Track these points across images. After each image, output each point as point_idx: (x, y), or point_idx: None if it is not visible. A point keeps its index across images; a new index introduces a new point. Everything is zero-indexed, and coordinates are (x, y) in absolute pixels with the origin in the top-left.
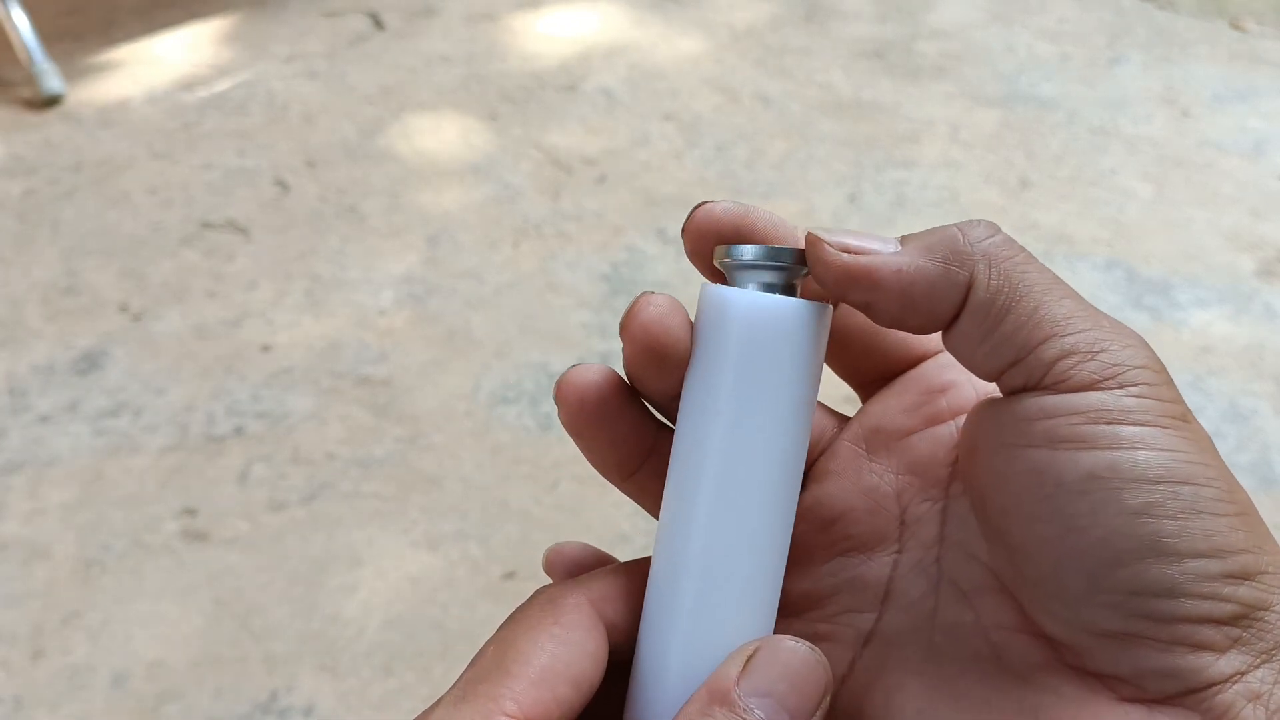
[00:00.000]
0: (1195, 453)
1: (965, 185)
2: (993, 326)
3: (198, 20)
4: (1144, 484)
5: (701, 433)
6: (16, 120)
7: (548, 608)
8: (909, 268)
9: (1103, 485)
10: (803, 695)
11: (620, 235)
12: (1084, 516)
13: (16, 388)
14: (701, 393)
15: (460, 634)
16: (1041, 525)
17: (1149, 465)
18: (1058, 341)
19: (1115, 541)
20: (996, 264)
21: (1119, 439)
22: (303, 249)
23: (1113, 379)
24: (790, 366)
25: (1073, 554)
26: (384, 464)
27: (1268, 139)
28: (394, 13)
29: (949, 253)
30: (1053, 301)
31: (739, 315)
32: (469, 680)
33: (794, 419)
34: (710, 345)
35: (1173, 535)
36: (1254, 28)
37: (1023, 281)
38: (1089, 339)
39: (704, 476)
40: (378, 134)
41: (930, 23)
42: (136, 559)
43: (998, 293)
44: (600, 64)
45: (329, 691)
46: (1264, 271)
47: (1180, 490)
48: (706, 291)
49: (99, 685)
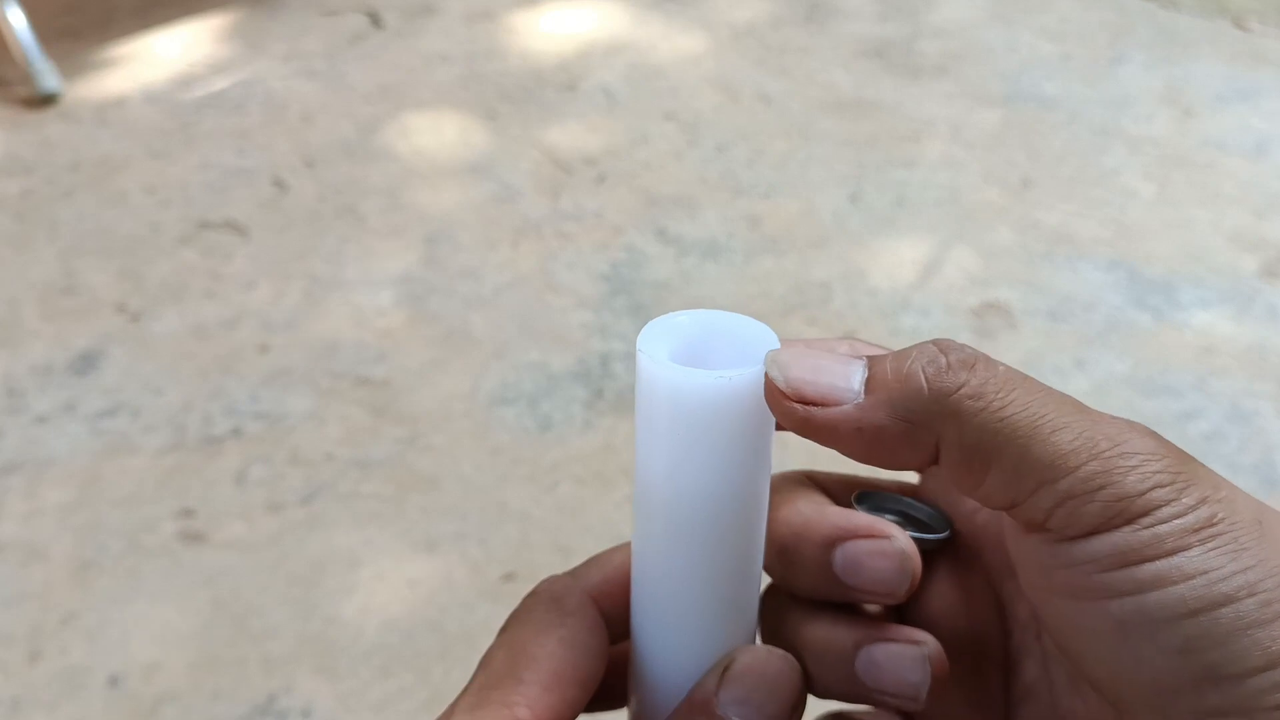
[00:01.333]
0: (1228, 559)
1: (966, 185)
2: (975, 483)
3: (195, 19)
4: (1178, 621)
5: (648, 475)
6: (14, 120)
7: (553, 608)
8: (868, 427)
9: (1137, 632)
10: (779, 701)
11: (620, 235)
12: (1128, 661)
13: (14, 388)
14: (645, 446)
15: (459, 635)
16: (1091, 666)
17: (1178, 602)
18: (1050, 489)
19: (1168, 680)
20: (968, 419)
21: (1140, 583)
22: (301, 249)
23: (1119, 516)
24: (725, 430)
25: (1132, 690)
26: (382, 465)
27: (1270, 139)
28: (393, 11)
29: (910, 410)
30: (1039, 443)
31: (666, 394)
32: (482, 686)
33: (738, 469)
34: (646, 407)
35: (1224, 663)
36: (1256, 27)
37: (1000, 431)
38: (1084, 476)
39: (654, 515)
40: (376, 133)
41: (931, 22)
42: (134, 560)
43: (974, 452)
44: (600, 63)
45: (327, 693)
46: (1266, 272)
47: (1220, 615)
48: (639, 359)
49: (96, 687)
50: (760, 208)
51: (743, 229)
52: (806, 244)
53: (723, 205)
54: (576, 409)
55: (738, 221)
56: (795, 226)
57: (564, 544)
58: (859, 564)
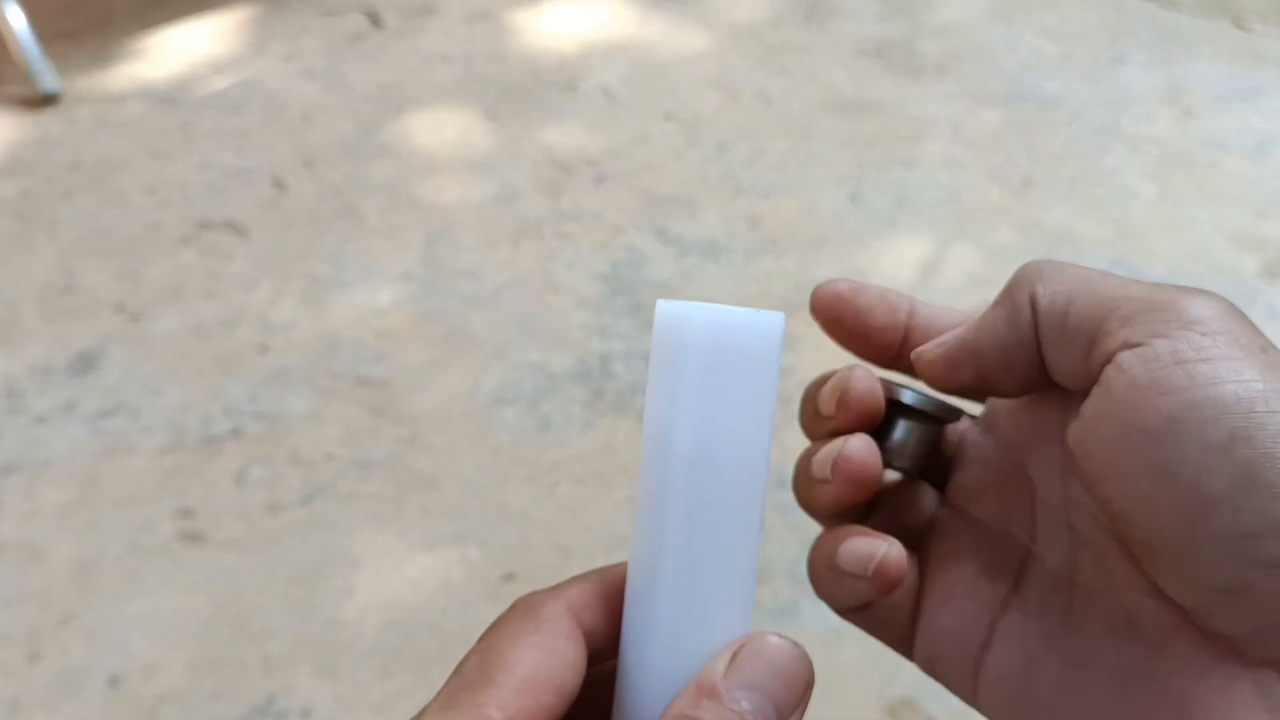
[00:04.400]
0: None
1: (967, 185)
2: (1063, 323)
3: (195, 19)
4: (1226, 416)
5: (669, 440)
6: (13, 119)
7: (529, 617)
8: (987, 318)
9: (1185, 426)
10: (788, 688)
11: (620, 235)
12: (1172, 461)
13: (13, 388)
14: (666, 403)
15: (458, 636)
16: (1135, 481)
17: (1229, 397)
18: (1120, 311)
19: (1207, 482)
20: (1047, 277)
21: (1195, 377)
22: (301, 249)
23: (1179, 323)
24: (747, 377)
25: (1170, 505)
26: (382, 465)
27: (1271, 139)
28: (392, 11)
29: (1007, 293)
30: (1109, 285)
31: (697, 332)
32: (454, 689)
33: (757, 423)
34: (668, 358)
35: (1264, 465)
36: (1257, 27)
37: (1075, 278)
38: (1146, 299)
39: (671, 485)
40: (376, 133)
41: (932, 21)
42: (133, 560)
43: (1055, 296)
44: (600, 62)
45: (326, 694)
46: (1267, 272)
47: (1268, 419)
48: (661, 307)
49: (96, 687)
50: (760, 208)
51: (743, 229)
52: (807, 244)
53: (723, 205)
54: (576, 409)
55: (738, 221)
56: (795, 226)
57: (564, 544)
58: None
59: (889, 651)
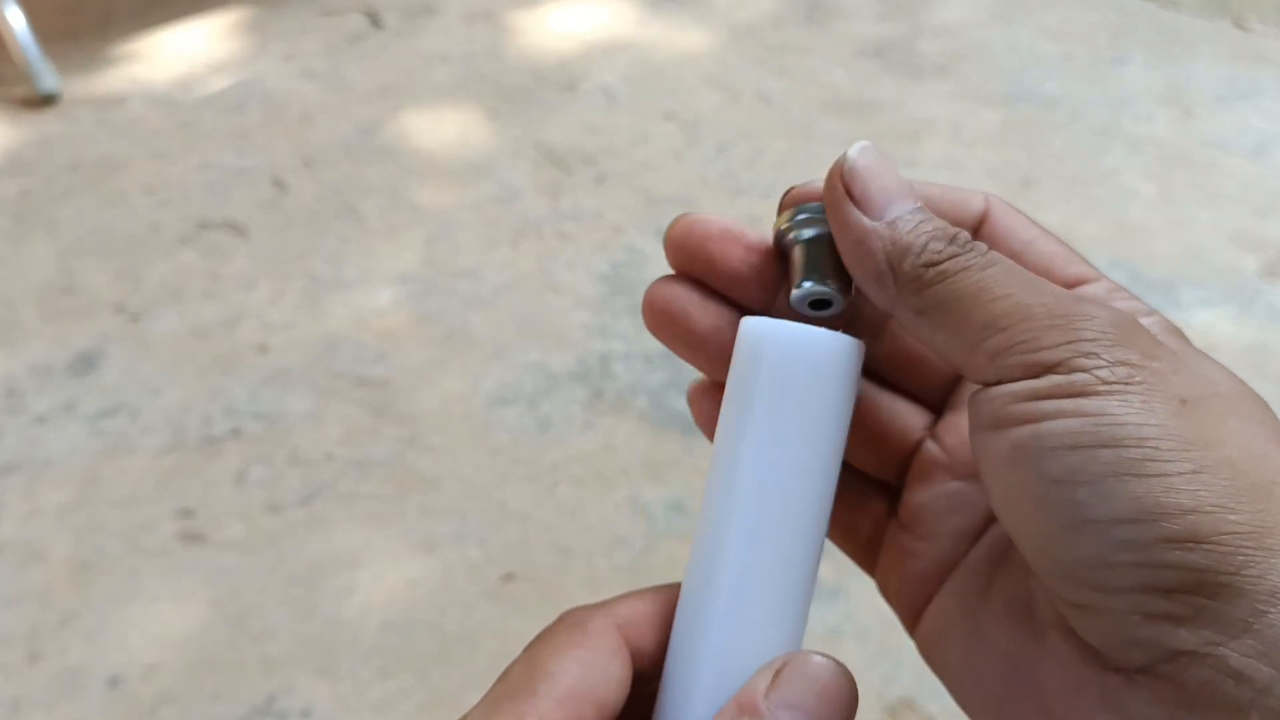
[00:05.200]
0: (1130, 412)
1: (967, 184)
2: (928, 341)
3: (195, 19)
4: (1060, 451)
5: (736, 457)
6: (13, 119)
7: (575, 630)
8: (865, 249)
9: (1024, 457)
10: (831, 708)
11: (620, 235)
12: (1012, 490)
13: (13, 388)
14: (737, 419)
15: (458, 636)
16: (992, 499)
17: (1066, 433)
18: (981, 348)
19: (1041, 514)
20: (926, 284)
21: (1041, 412)
22: (301, 249)
23: (1038, 364)
24: (822, 397)
25: (1016, 528)
26: (382, 465)
27: (1271, 139)
28: (392, 11)
29: (899, 258)
30: (979, 308)
31: (773, 347)
32: (496, 697)
33: (827, 446)
34: (744, 373)
35: (1090, 502)
36: (1257, 27)
37: (946, 298)
38: (1012, 334)
39: (738, 501)
40: (376, 133)
41: (932, 21)
42: (133, 560)
43: (925, 314)
44: (600, 62)
45: (326, 694)
46: (1267, 272)
47: (1099, 454)
48: (744, 323)
49: (95, 687)
50: (760, 208)
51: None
52: None
53: (723, 205)
54: (576, 409)
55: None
56: None
57: (564, 544)
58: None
59: (889, 651)
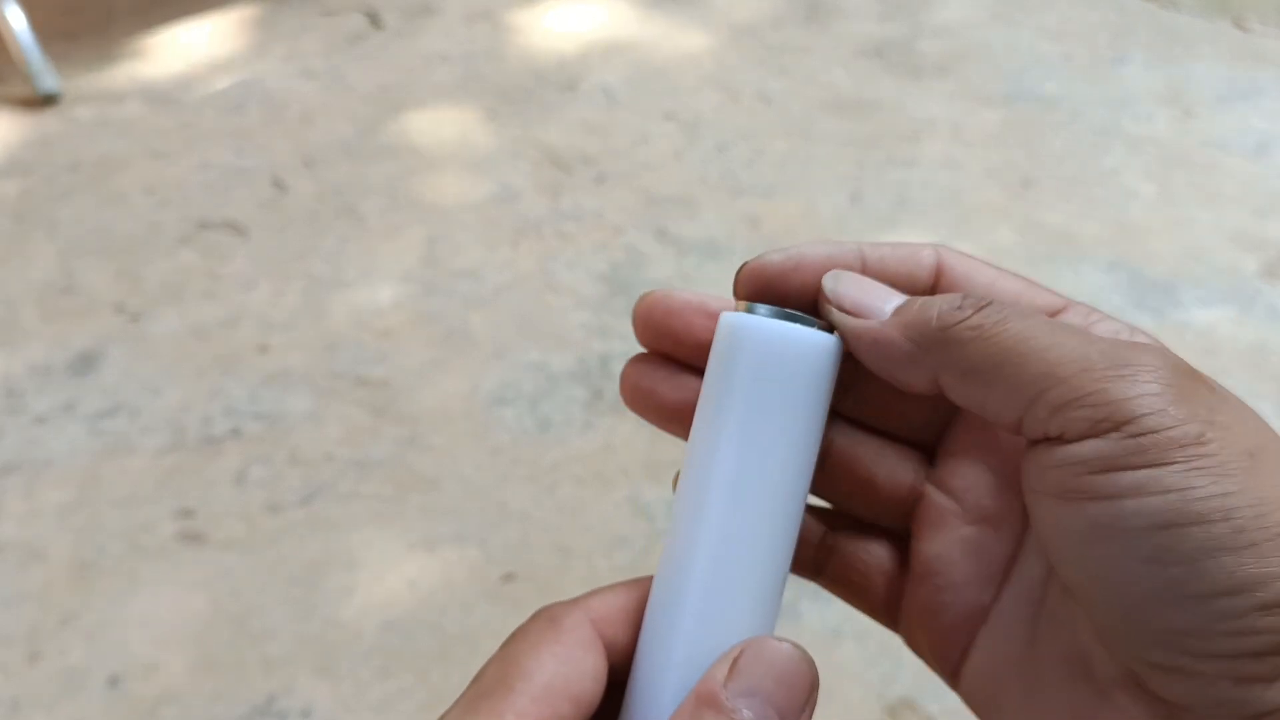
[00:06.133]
0: (1208, 481)
1: (967, 185)
2: (980, 404)
3: (195, 19)
4: (1149, 531)
5: (712, 449)
6: (13, 119)
7: (549, 626)
8: (883, 341)
9: (1109, 536)
10: (791, 692)
11: (620, 235)
12: (1099, 565)
13: (13, 388)
14: (714, 411)
15: (458, 636)
16: (1069, 569)
17: (1152, 513)
18: (1043, 399)
19: (1134, 589)
20: (967, 345)
21: (1119, 488)
22: (301, 249)
23: (1105, 421)
24: (799, 392)
25: (1103, 597)
26: (382, 465)
27: (1271, 139)
28: (392, 11)
29: (919, 334)
30: (1034, 359)
31: (751, 340)
32: (472, 696)
33: (802, 441)
34: (722, 366)
35: (1187, 581)
36: (1257, 27)
37: (994, 354)
38: (1074, 385)
39: (712, 494)
40: (376, 133)
41: (932, 21)
42: (133, 560)
43: (973, 375)
44: (600, 62)
45: (326, 694)
46: (1267, 272)
47: (1190, 532)
48: (723, 317)
49: (95, 687)
50: (760, 208)
51: (743, 229)
52: None
53: (723, 205)
54: (576, 409)
55: (738, 221)
56: (795, 226)
57: (564, 544)
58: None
59: (888, 651)
